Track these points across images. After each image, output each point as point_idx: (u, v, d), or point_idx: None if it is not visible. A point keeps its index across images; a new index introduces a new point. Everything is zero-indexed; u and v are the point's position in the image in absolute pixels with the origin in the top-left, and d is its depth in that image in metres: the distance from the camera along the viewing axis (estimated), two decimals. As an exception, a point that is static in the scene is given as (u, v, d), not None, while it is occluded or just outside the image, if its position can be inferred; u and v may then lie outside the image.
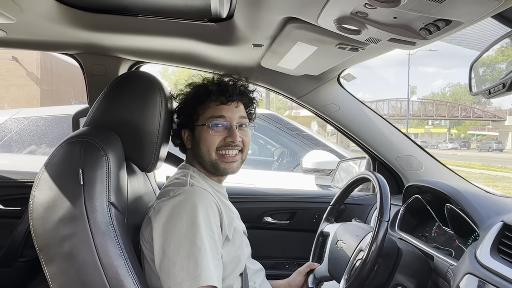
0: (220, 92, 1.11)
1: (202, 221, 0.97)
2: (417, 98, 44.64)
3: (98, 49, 1.47)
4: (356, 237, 1.24)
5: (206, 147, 1.11)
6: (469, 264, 0.99)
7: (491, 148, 36.00)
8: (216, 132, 1.10)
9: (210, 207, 1.01)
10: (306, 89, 1.58)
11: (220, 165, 1.11)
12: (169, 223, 0.97)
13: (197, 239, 0.94)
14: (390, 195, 1.16)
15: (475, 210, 1.12)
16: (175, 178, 1.11)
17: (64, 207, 0.92)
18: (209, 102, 1.12)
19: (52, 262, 0.92)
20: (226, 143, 1.10)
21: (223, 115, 1.11)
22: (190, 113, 1.14)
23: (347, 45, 1.03)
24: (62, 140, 1.01)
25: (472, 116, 43.79)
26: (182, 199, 0.99)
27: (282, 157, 3.75)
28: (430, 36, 0.79)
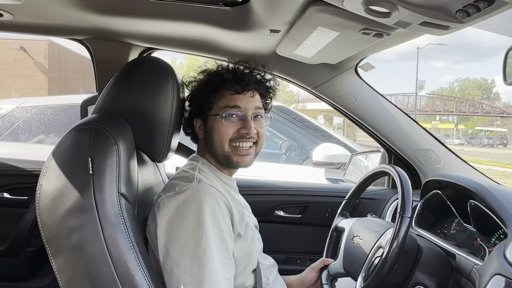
0: (236, 80, 1.06)
1: (209, 221, 0.91)
2: (425, 93, 44.23)
3: (108, 34, 1.42)
4: (375, 233, 1.19)
5: (219, 138, 1.06)
6: (498, 265, 0.94)
7: (482, 143, 37.92)
8: (230, 123, 1.05)
9: (218, 205, 0.95)
10: (322, 78, 1.52)
11: (233, 157, 1.06)
12: (173, 221, 0.92)
13: (202, 239, 0.89)
14: (411, 190, 1.11)
15: (503, 208, 1.07)
16: (183, 171, 1.05)
17: (73, 197, 0.88)
18: (223, 91, 1.07)
19: (59, 255, 0.89)
20: (240, 135, 1.05)
21: (237, 105, 1.05)
22: (203, 102, 1.08)
23: (372, 30, 0.97)
24: (70, 127, 0.97)
25: (480, 112, 43.32)
26: (187, 197, 0.94)
27: (290, 150, 3.70)
28: (467, 19, 0.73)
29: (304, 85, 1.59)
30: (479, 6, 0.68)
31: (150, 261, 0.95)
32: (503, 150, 30.62)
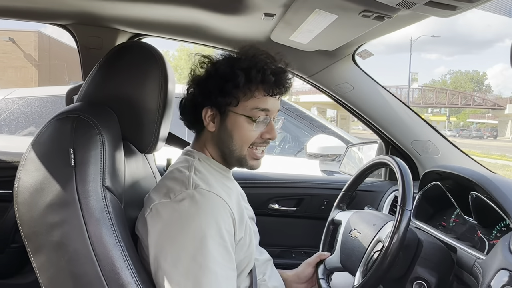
0: (275, 82, 0.94)
1: (208, 233, 0.84)
2: (417, 85, 44.43)
3: (93, 19, 1.35)
4: (373, 226, 1.15)
5: (240, 141, 0.97)
6: (503, 259, 0.90)
7: (471, 135, 38.62)
8: (257, 127, 0.96)
9: (220, 214, 0.88)
10: (319, 66, 1.47)
11: (248, 161, 0.99)
12: (167, 231, 0.85)
13: (199, 254, 0.82)
14: (412, 182, 1.07)
15: (507, 199, 1.03)
16: (177, 170, 0.96)
17: (53, 191, 0.82)
18: (256, 89, 0.94)
19: (40, 252, 0.83)
20: (263, 140, 0.98)
21: (267, 109, 0.96)
22: (226, 93, 0.94)
23: (373, 13, 0.91)
24: (51, 116, 0.90)
25: (472, 104, 43.66)
26: (186, 209, 0.86)
27: (284, 142, 3.66)
28: (477, -3, 0.68)
29: (300, 74, 1.53)
30: (492, -18, 0.62)
31: (138, 258, 0.90)
32: (494, 142, 31.02)
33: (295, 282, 1.25)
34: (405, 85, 39.49)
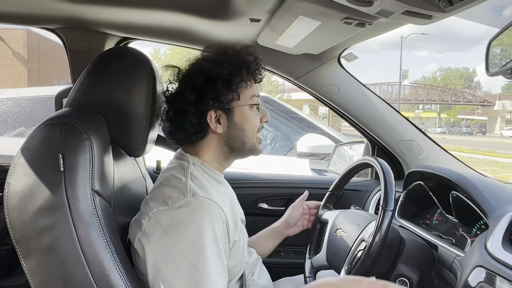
0: (257, 69, 1.03)
1: (207, 241, 0.85)
2: (408, 82, 44.75)
3: (82, 23, 1.36)
4: (358, 226, 1.18)
5: (251, 130, 1.01)
6: (479, 256, 0.94)
7: (461, 132, 39.73)
8: (260, 112, 1.04)
9: (216, 222, 0.89)
10: (305, 69, 1.49)
11: (258, 147, 1.05)
12: (167, 240, 0.86)
13: (199, 262, 0.84)
14: (394, 182, 1.10)
15: (484, 199, 1.07)
16: (173, 176, 0.95)
17: (43, 196, 0.84)
18: (250, 79, 1.01)
19: (30, 256, 0.85)
20: (261, 124, 1.05)
21: (259, 94, 1.04)
22: (229, 92, 0.96)
23: (354, 20, 0.94)
24: (40, 122, 0.92)
25: (462, 100, 44.12)
26: (184, 216, 0.86)
27: (275, 141, 3.69)
28: (450, 8, 0.71)
29: (287, 76, 1.56)
30: (462, -6, 0.66)
31: (127, 260, 0.91)
32: (484, 138, 31.43)
33: (286, 228, 1.31)
34: (396, 82, 39.74)
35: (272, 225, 1.33)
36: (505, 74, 0.78)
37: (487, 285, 0.87)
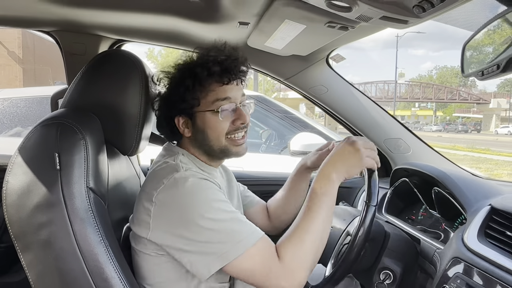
0: (223, 70, 1.00)
1: (213, 197, 0.92)
2: (404, 80, 44.91)
3: (76, 26, 1.39)
4: (343, 221, 1.23)
5: (215, 134, 1.01)
6: (456, 248, 0.98)
7: (457, 129, 40.32)
8: (225, 116, 1.00)
9: (213, 186, 0.95)
10: (294, 70, 1.54)
11: (231, 149, 1.04)
12: (176, 210, 0.90)
13: (217, 214, 0.90)
14: (377, 179, 1.15)
15: (463, 194, 1.12)
16: (164, 162, 1.01)
17: (40, 193, 0.88)
18: (210, 83, 1.00)
19: (28, 250, 0.89)
20: (236, 126, 1.02)
21: (228, 97, 1.01)
22: (187, 98, 1.00)
23: (337, 24, 0.99)
24: (37, 123, 0.96)
25: (457, 98, 44.33)
26: (184, 186, 0.91)
27: (270, 140, 3.72)
28: (423, 14, 0.76)
29: (277, 76, 1.60)
30: (433, 2, 0.70)
31: (121, 254, 0.96)
32: (479, 136, 31.62)
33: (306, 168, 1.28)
34: (392, 80, 39.86)
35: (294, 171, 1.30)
36: (477, 76, 0.82)
37: (462, 275, 0.91)
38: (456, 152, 15.93)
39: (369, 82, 42.27)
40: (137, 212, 0.97)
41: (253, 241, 0.90)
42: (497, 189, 1.17)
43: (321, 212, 0.95)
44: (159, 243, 0.93)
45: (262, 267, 0.90)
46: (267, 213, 1.34)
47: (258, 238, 0.91)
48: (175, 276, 0.96)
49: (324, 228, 0.97)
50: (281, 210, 1.30)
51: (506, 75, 0.73)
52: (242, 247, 0.88)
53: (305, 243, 0.92)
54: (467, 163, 11.60)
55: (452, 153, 15.55)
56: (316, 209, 0.95)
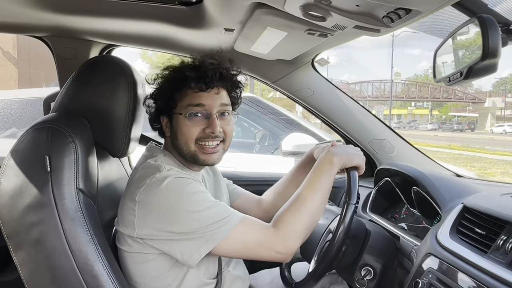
0: (199, 77, 1.01)
1: (193, 191, 0.96)
2: (400, 79, 45.08)
3: (68, 31, 1.43)
4: (326, 219, 1.27)
5: (184, 138, 1.04)
6: (430, 245, 1.03)
7: (452, 128, 40.82)
8: (193, 122, 1.02)
9: (195, 182, 1.00)
10: (281, 73, 1.58)
11: (199, 156, 1.05)
12: (161, 206, 0.94)
13: (200, 205, 0.95)
14: (358, 179, 1.19)
15: (439, 193, 1.16)
16: (146, 163, 1.04)
17: (31, 194, 0.92)
18: (186, 88, 1.03)
19: (20, 249, 0.93)
20: (206, 134, 1.03)
21: (202, 103, 1.02)
22: (167, 100, 1.05)
23: (316, 31, 1.03)
24: (28, 126, 1.00)
25: (453, 97, 44.55)
26: (166, 183, 0.95)
27: (264, 140, 3.76)
28: (393, 24, 0.80)
29: (264, 80, 1.64)
30: (399, 14, 0.75)
31: (110, 253, 0.99)
32: (474, 135, 31.79)
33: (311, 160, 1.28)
34: (388, 79, 39.98)
35: (300, 161, 1.34)
36: (445, 82, 0.87)
37: (434, 270, 0.96)
38: (452, 151, 16.02)
39: (365, 81, 42.41)
40: (122, 212, 1.01)
41: (238, 219, 0.96)
42: (473, 188, 1.22)
43: (318, 189, 1.03)
44: (147, 240, 0.97)
45: (255, 238, 0.96)
46: (260, 204, 1.37)
47: (242, 216, 0.97)
48: (161, 272, 1.01)
49: (320, 204, 1.04)
50: (280, 197, 1.32)
51: (469, 81, 0.78)
52: (228, 226, 0.94)
53: (301, 214, 0.99)
54: (461, 162, 11.69)
55: (447, 152, 15.65)
56: (315, 185, 1.03)
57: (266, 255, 0.98)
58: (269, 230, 0.98)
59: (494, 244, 0.87)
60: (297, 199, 1.02)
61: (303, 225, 1.00)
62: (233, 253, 0.98)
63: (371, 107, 39.23)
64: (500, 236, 0.87)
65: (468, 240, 0.96)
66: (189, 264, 0.96)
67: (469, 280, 0.85)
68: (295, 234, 0.98)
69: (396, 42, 31.95)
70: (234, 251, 0.97)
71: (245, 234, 0.96)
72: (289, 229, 0.98)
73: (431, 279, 0.95)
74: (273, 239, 0.97)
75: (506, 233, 0.86)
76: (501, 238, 0.86)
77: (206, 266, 1.06)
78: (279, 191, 1.35)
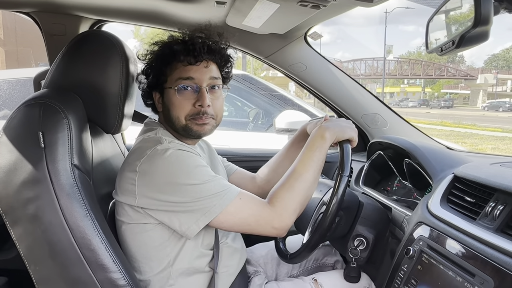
0: (187, 51, 1.03)
1: (194, 164, 0.98)
2: (393, 57, 44.89)
3: (56, 7, 1.40)
4: (320, 192, 1.29)
5: (175, 112, 1.05)
6: (421, 214, 1.06)
7: (440, 105, 41.49)
8: (183, 96, 1.04)
9: (196, 155, 1.01)
10: (273, 48, 1.57)
11: (192, 128, 1.06)
12: (160, 179, 0.95)
13: (199, 177, 0.96)
14: (351, 152, 1.20)
15: (430, 164, 1.18)
16: (146, 136, 1.06)
17: (26, 170, 0.92)
18: (176, 62, 1.05)
19: (17, 224, 0.94)
20: (197, 110, 1.04)
21: (191, 77, 1.03)
22: (158, 75, 1.07)
23: (308, 2, 1.02)
24: (20, 103, 0.99)
25: (446, 75, 44.61)
26: (167, 154, 0.96)
27: (257, 118, 3.77)
28: (386, -7, 0.80)
29: (257, 55, 1.63)
30: (392, -18, 0.74)
31: (107, 227, 1.00)
32: (467, 112, 32.07)
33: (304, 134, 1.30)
34: (381, 57, 39.81)
35: (293, 137, 1.34)
36: (438, 52, 0.87)
37: (425, 237, 0.99)
38: (443, 128, 16.18)
39: (358, 59, 42.23)
40: (121, 182, 1.02)
41: (236, 193, 0.98)
42: (463, 159, 1.24)
43: (312, 165, 1.05)
44: (147, 209, 0.99)
45: (251, 213, 0.98)
46: (255, 180, 1.38)
47: (239, 191, 0.99)
48: (159, 242, 1.02)
49: (313, 179, 1.06)
50: (274, 173, 1.34)
51: (461, 50, 0.78)
52: (226, 200, 0.96)
53: (295, 190, 1.01)
54: (453, 138, 11.81)
55: (439, 129, 15.79)
56: (308, 161, 1.05)
57: (262, 230, 1.00)
58: (264, 206, 1.00)
59: (483, 211, 0.89)
60: (291, 175, 1.04)
61: (297, 201, 1.02)
62: (230, 227, 1.00)
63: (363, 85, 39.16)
64: (488, 203, 0.89)
65: (458, 208, 0.99)
66: (187, 235, 0.98)
67: (459, 245, 0.88)
68: (290, 210, 1.01)
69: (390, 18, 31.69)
70: (232, 224, 0.99)
71: (242, 208, 0.98)
72: (284, 205, 1.00)
73: (421, 246, 0.98)
74: (268, 214, 0.99)
75: (495, 200, 0.88)
76: (489, 205, 0.88)
77: (204, 237, 1.08)
78: (273, 168, 1.36)
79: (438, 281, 0.88)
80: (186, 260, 1.05)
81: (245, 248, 1.31)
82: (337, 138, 1.09)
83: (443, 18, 0.88)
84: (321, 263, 1.45)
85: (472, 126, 17.04)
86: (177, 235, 1.01)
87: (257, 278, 1.28)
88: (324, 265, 1.45)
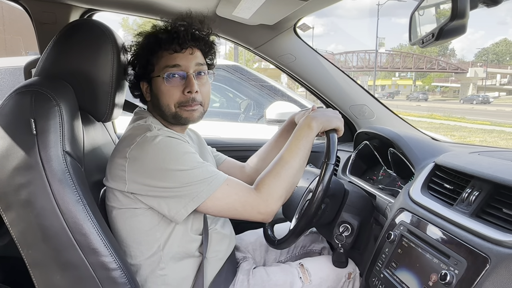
0: (172, 39, 1.06)
1: (183, 150, 1.00)
2: (385, 49, 45.00)
3: (46, -6, 1.40)
4: (307, 180, 1.33)
5: (165, 100, 1.08)
6: (403, 200, 1.10)
7: (418, 98, 43.93)
8: (172, 84, 1.07)
9: (185, 143, 1.04)
10: (263, 39, 1.59)
11: (182, 114, 1.09)
12: (149, 165, 0.98)
13: (188, 164, 0.98)
14: (337, 141, 1.24)
15: (413, 153, 1.22)
16: (137, 124, 1.09)
17: (18, 157, 0.93)
18: (161, 51, 1.07)
19: (10, 209, 0.95)
20: (186, 98, 1.07)
21: (178, 64, 1.06)
22: (145, 64, 1.10)
23: (297, -6, 1.04)
24: (11, 91, 1.00)
25: (436, 68, 44.90)
26: (156, 141, 0.98)
27: (248, 109, 3.79)
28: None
29: (246, 45, 1.65)
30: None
31: (99, 212, 1.02)
32: (457, 105, 32.52)
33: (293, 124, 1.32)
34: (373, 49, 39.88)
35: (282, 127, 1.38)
36: (419, 44, 0.91)
37: (406, 222, 1.03)
38: (433, 121, 16.35)
39: (350, 51, 42.25)
40: (111, 168, 1.04)
41: (223, 179, 1.01)
42: (445, 148, 1.28)
43: (298, 153, 1.08)
44: (136, 194, 1.01)
45: (238, 199, 1.02)
46: (244, 170, 1.42)
47: (226, 177, 1.03)
48: (149, 227, 1.05)
49: (299, 167, 1.09)
50: (263, 162, 1.37)
51: (441, 43, 0.82)
52: (213, 185, 0.99)
53: (281, 176, 1.05)
54: (442, 131, 11.96)
55: (429, 121, 15.97)
56: (295, 149, 1.08)
57: (248, 215, 1.03)
58: (251, 192, 1.03)
59: (460, 197, 0.94)
60: (277, 162, 1.07)
61: (283, 187, 1.05)
62: (218, 212, 1.03)
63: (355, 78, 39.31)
64: (465, 190, 0.94)
65: (437, 195, 1.03)
66: (176, 219, 1.01)
67: (437, 230, 0.92)
68: (276, 196, 1.04)
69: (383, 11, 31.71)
70: (220, 209, 1.02)
71: (228, 194, 1.01)
72: (270, 191, 1.04)
73: (402, 231, 1.02)
74: (254, 200, 1.02)
75: (471, 187, 0.93)
76: (466, 191, 0.93)
77: (193, 222, 1.11)
78: (262, 157, 1.40)
79: (416, 263, 0.92)
80: (176, 245, 1.08)
81: (234, 234, 1.34)
82: (323, 127, 1.12)
83: (425, 12, 0.91)
84: (308, 249, 1.49)
85: (462, 119, 17.26)
86: (167, 220, 1.04)
87: (246, 264, 1.31)
88: (311, 251, 1.49)
